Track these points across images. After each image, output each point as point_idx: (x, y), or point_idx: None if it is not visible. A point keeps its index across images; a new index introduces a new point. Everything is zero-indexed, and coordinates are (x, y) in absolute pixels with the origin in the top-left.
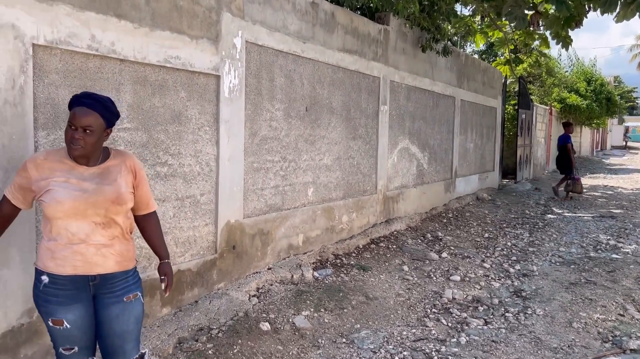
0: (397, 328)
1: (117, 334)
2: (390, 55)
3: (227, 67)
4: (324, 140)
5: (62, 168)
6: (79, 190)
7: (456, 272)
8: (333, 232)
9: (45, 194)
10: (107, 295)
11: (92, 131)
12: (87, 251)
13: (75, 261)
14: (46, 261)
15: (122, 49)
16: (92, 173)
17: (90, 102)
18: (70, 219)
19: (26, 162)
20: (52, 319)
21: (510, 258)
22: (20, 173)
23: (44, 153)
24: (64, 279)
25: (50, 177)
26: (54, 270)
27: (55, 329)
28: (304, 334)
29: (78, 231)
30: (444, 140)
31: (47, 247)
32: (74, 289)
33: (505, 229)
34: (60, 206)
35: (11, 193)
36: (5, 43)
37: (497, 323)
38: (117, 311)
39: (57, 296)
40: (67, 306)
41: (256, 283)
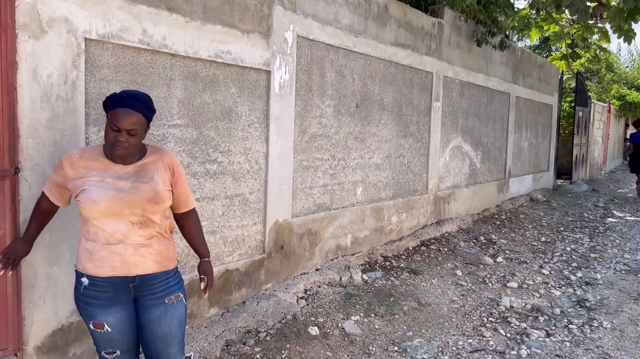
0: (452, 337)
1: (160, 337)
2: (444, 50)
3: (278, 62)
4: (374, 138)
5: (97, 167)
6: (114, 189)
7: (513, 278)
8: (382, 233)
9: (81, 194)
10: (147, 297)
11: (137, 132)
12: (125, 251)
13: (113, 262)
14: (85, 262)
15: (173, 44)
16: (128, 172)
17: (134, 104)
18: (106, 219)
19: (62, 160)
20: (93, 322)
21: (571, 264)
22: (56, 170)
23: (79, 151)
24: (103, 281)
25: (86, 176)
26: (93, 272)
27: (97, 333)
28: (353, 340)
29: (115, 231)
30: (498, 138)
31: (85, 248)
32: (113, 291)
33: (563, 233)
34: (96, 206)
35: (49, 190)
36: (58, 37)
37: (561, 336)
38: (159, 313)
39: (97, 298)
40: (107, 309)
41: (304, 284)
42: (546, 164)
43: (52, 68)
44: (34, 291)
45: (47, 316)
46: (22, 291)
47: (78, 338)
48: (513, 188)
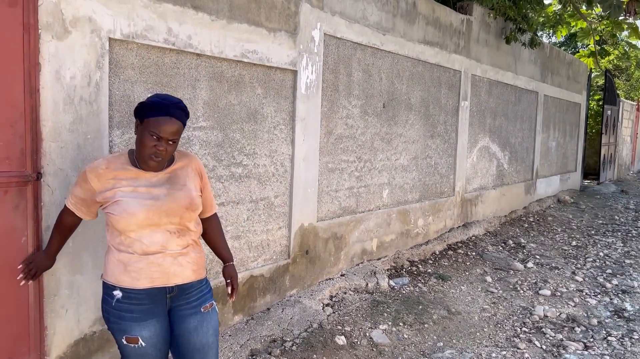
0: (484, 348)
1: (197, 348)
2: (472, 47)
3: (304, 61)
4: (401, 139)
5: (127, 176)
6: (150, 198)
7: (545, 285)
8: (408, 237)
9: (113, 206)
10: (183, 306)
11: (176, 141)
12: (164, 261)
13: (152, 273)
14: (118, 275)
15: (199, 43)
16: (160, 179)
17: (178, 113)
18: (143, 230)
19: (86, 173)
20: (126, 337)
21: (605, 270)
22: (80, 184)
23: (104, 162)
24: (140, 293)
25: (116, 187)
26: (129, 284)
27: (130, 348)
28: (382, 350)
29: (152, 242)
30: (525, 138)
31: (119, 259)
32: (150, 303)
33: (595, 237)
34: (134, 218)
35: (74, 205)
36: (82, 37)
37: (600, 348)
38: (195, 322)
39: (131, 311)
40: (142, 323)
41: (329, 290)
42: (574, 164)
43: (75, 70)
44: (57, 300)
45: (70, 325)
46: (44, 300)
47: (101, 347)
48: (540, 189)
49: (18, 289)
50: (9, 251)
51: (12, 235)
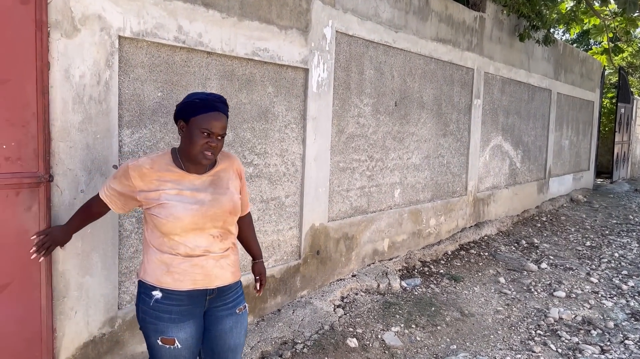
0: (498, 351)
1: (231, 348)
2: (485, 45)
3: (316, 59)
4: (413, 137)
5: (171, 178)
6: (195, 203)
7: (560, 287)
8: (420, 237)
9: (158, 208)
10: (220, 308)
11: (224, 136)
12: (207, 263)
13: (195, 275)
14: (160, 275)
15: (210, 41)
16: (204, 182)
17: (224, 108)
18: (187, 234)
19: (128, 170)
20: (162, 338)
21: (620, 272)
22: (121, 180)
23: (149, 161)
24: (182, 294)
25: (161, 189)
26: (172, 286)
27: (164, 349)
28: (394, 353)
29: (196, 246)
30: (538, 136)
31: (161, 260)
32: (190, 304)
33: (609, 237)
34: (180, 222)
35: (109, 198)
36: (91, 35)
37: (617, 352)
38: (231, 323)
39: (170, 312)
40: (180, 324)
41: (340, 291)
42: (587, 163)
43: (84, 68)
44: (66, 302)
45: (79, 327)
46: (53, 303)
47: (110, 349)
48: (553, 188)
49: (31, 292)
50: (22, 254)
51: (25, 237)
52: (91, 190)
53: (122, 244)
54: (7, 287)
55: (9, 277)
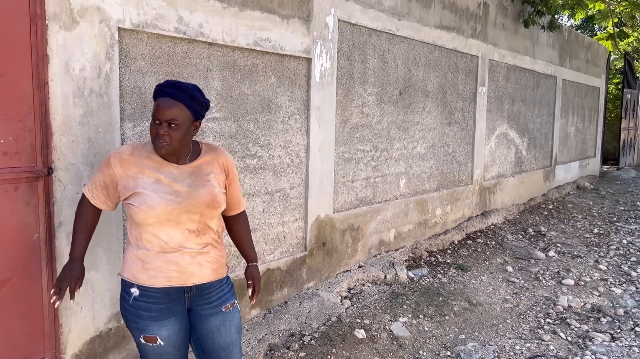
0: (507, 340)
1: (222, 347)
2: (489, 32)
3: (318, 49)
4: (418, 127)
5: (150, 165)
6: (171, 193)
7: (568, 275)
8: (426, 227)
9: (133, 197)
10: (203, 306)
11: (178, 125)
12: (182, 260)
13: (169, 272)
14: (136, 272)
15: (211, 32)
16: (183, 172)
17: (174, 92)
18: (162, 226)
19: (109, 158)
20: (144, 336)
21: (629, 259)
22: (102, 169)
23: (129, 147)
24: (157, 292)
25: (139, 177)
26: (146, 282)
27: (148, 347)
28: (402, 344)
29: (170, 239)
30: (544, 124)
31: (137, 256)
32: (167, 302)
33: (617, 224)
34: (153, 211)
35: (91, 192)
36: (90, 27)
37: (627, 340)
38: (217, 322)
39: (149, 310)
40: (160, 322)
41: (347, 282)
42: (593, 150)
43: (84, 61)
44: None
45: (85, 322)
46: None
47: (117, 344)
48: (559, 175)
49: (32, 287)
50: (22, 249)
51: (24, 232)
52: None
53: (126, 238)
54: (7, 282)
55: (9, 272)
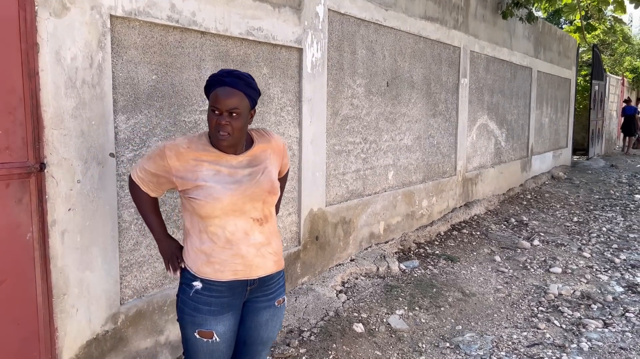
0: (504, 330)
1: (263, 341)
2: (470, 23)
3: (309, 38)
4: (405, 118)
5: (208, 158)
6: (233, 182)
7: (555, 263)
8: (413, 218)
9: (195, 190)
10: (260, 299)
11: (239, 114)
12: (248, 252)
13: (235, 265)
14: (200, 265)
15: (203, 20)
16: (241, 162)
17: (233, 81)
18: (228, 217)
19: (164, 149)
20: (199, 330)
21: (611, 246)
22: (156, 160)
23: (185, 140)
24: (222, 285)
25: (197, 169)
26: (212, 276)
27: (201, 342)
28: (401, 336)
29: (236, 231)
30: (521, 115)
31: (201, 250)
32: (230, 296)
33: (594, 212)
34: (219, 203)
35: (141, 179)
36: (82, 14)
37: (619, 325)
38: (268, 316)
39: (209, 304)
40: (219, 317)
41: (341, 276)
42: (565, 140)
43: (76, 50)
44: (66, 300)
45: (81, 325)
46: (53, 300)
47: (114, 347)
48: (535, 166)
49: (25, 290)
50: (14, 250)
51: (17, 232)
52: (88, 180)
53: (121, 236)
54: (0, 285)
55: (2, 275)
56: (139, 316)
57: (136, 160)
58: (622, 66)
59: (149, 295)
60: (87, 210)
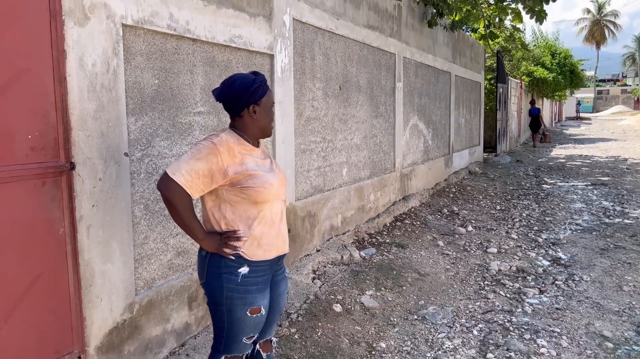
0: (460, 302)
1: (280, 309)
2: (402, 31)
3: (279, 45)
4: (354, 119)
5: (246, 151)
6: (270, 171)
7: (490, 244)
8: (363, 211)
9: (250, 179)
10: (278, 272)
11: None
12: (283, 230)
13: (278, 243)
14: (254, 249)
15: (195, 28)
16: (262, 155)
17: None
18: (274, 200)
19: (216, 146)
20: (251, 309)
21: (532, 228)
22: (209, 158)
23: (227, 136)
24: (266, 263)
25: (245, 162)
26: (261, 257)
27: (249, 319)
28: (374, 313)
29: (277, 211)
30: (443, 116)
31: (253, 236)
32: (269, 272)
33: (512, 201)
34: (273, 188)
35: (188, 182)
36: (99, 23)
37: (552, 291)
38: (284, 286)
39: (256, 284)
40: (264, 292)
41: (311, 265)
42: (478, 139)
43: (95, 57)
44: (92, 290)
45: (104, 315)
46: (82, 291)
47: (131, 335)
48: (455, 162)
49: (60, 281)
50: (50, 244)
51: (51, 228)
52: (107, 178)
53: (134, 231)
54: (39, 278)
55: (40, 268)
56: (150, 306)
57: (143, 159)
58: (519, 70)
59: (157, 285)
60: (107, 206)
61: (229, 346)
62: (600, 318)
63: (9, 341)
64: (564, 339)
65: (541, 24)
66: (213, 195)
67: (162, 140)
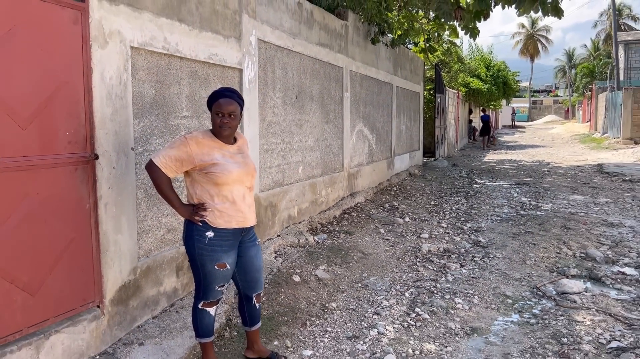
0: (396, 274)
1: (257, 268)
2: (349, 48)
3: (247, 61)
4: (308, 124)
5: (215, 146)
6: (236, 162)
7: (423, 232)
8: (316, 204)
9: (213, 166)
10: (247, 241)
11: (236, 115)
12: (245, 209)
13: (238, 218)
14: (216, 219)
15: (183, 48)
16: (234, 150)
17: (231, 94)
18: (235, 184)
19: (186, 139)
20: (217, 264)
21: (460, 219)
22: (179, 147)
23: (200, 133)
24: (228, 232)
25: (211, 153)
26: (223, 226)
27: (218, 271)
28: (326, 283)
29: (238, 194)
30: (385, 122)
31: (216, 209)
32: (233, 239)
33: (445, 198)
34: (232, 174)
35: (164, 164)
36: (115, 46)
37: (470, 266)
38: (254, 251)
39: (221, 246)
40: (228, 253)
41: (273, 247)
42: (417, 144)
43: (112, 72)
44: (107, 255)
45: (116, 275)
46: (101, 255)
47: (134, 293)
48: (397, 164)
49: (86, 245)
50: (80, 217)
51: (80, 204)
52: (119, 166)
53: (137, 210)
54: (72, 242)
55: (73, 233)
56: (148, 271)
57: (144, 153)
58: (457, 81)
59: (153, 255)
60: (119, 188)
61: (206, 293)
62: (505, 283)
63: (52, 287)
64: (475, 298)
65: (474, 40)
66: (190, 177)
67: (157, 138)
